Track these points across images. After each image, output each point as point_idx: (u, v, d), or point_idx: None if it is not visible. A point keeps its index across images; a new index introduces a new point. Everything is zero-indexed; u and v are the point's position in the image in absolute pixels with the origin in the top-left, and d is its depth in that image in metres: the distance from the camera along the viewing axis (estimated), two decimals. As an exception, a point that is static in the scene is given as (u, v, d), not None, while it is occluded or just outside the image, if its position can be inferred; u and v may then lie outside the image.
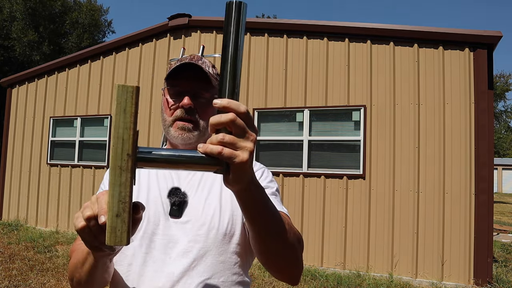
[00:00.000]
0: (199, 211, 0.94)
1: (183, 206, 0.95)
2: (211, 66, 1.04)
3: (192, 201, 0.96)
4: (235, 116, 0.57)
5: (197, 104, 0.98)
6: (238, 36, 0.60)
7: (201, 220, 0.93)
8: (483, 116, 4.82)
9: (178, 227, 0.93)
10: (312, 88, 5.72)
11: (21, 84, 8.43)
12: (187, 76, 0.98)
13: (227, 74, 0.60)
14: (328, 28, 5.66)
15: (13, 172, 8.23)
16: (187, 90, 0.97)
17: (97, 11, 27.03)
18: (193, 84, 0.98)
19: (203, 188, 0.99)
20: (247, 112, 0.58)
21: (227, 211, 0.96)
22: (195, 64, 0.96)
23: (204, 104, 0.99)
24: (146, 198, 0.97)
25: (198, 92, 0.98)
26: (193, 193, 0.97)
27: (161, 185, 0.99)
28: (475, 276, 4.66)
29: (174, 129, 0.98)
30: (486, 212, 4.70)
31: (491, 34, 4.82)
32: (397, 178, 5.14)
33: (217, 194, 0.98)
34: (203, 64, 1.01)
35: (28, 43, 22.33)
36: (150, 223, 0.94)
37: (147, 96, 6.86)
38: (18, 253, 5.61)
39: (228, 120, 0.56)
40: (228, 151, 0.56)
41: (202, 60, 1.03)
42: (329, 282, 4.75)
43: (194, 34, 6.66)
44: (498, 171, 33.44)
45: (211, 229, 0.92)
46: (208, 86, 0.99)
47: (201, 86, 0.98)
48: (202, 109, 0.99)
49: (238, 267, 0.96)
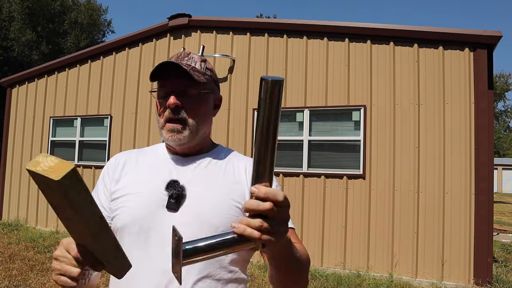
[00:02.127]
0: (197, 206, 0.94)
1: (181, 199, 0.94)
2: (200, 61, 1.02)
3: (190, 195, 0.95)
4: (272, 206, 0.60)
5: (184, 102, 0.98)
6: (278, 117, 0.58)
7: (198, 216, 0.93)
8: (483, 116, 4.82)
9: (175, 220, 0.92)
10: (312, 88, 5.72)
11: (21, 84, 8.42)
12: (172, 75, 0.97)
13: (266, 156, 0.59)
14: (328, 28, 5.66)
15: (13, 172, 8.23)
16: (173, 90, 0.97)
17: (96, 11, 27.00)
18: (179, 82, 0.97)
19: (201, 182, 0.98)
20: (284, 200, 0.61)
21: (226, 207, 0.95)
22: (174, 63, 0.95)
23: (191, 101, 0.98)
24: (143, 190, 0.97)
25: (184, 90, 0.97)
26: (192, 187, 0.97)
27: (159, 177, 0.99)
28: (475, 276, 4.66)
29: (165, 132, 0.99)
30: (486, 212, 4.70)
31: (491, 34, 4.82)
32: (397, 178, 5.14)
33: (216, 189, 0.97)
34: (190, 59, 1.00)
35: (26, 43, 22.32)
36: (146, 217, 0.93)
37: (147, 96, 6.86)
38: (18, 253, 5.61)
39: (266, 210, 0.60)
40: (265, 237, 0.60)
41: (189, 55, 1.01)
42: (329, 282, 4.75)
43: (194, 34, 6.66)
44: (498, 171, 33.45)
45: (209, 226, 0.91)
46: (194, 83, 0.97)
47: (187, 84, 0.97)
48: (189, 106, 0.98)
49: (234, 264, 0.96)
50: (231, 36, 6.36)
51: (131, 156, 1.08)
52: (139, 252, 0.91)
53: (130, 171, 1.03)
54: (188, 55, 1.02)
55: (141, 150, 1.12)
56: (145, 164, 1.04)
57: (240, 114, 6.10)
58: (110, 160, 1.09)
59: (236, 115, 6.12)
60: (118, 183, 1.01)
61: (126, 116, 7.06)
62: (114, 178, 1.03)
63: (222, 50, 6.39)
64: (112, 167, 1.05)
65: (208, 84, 1.02)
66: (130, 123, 7.00)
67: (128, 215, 0.95)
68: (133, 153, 1.10)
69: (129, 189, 0.98)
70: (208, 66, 1.04)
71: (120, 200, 0.98)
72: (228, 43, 6.38)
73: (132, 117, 6.99)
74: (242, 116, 6.08)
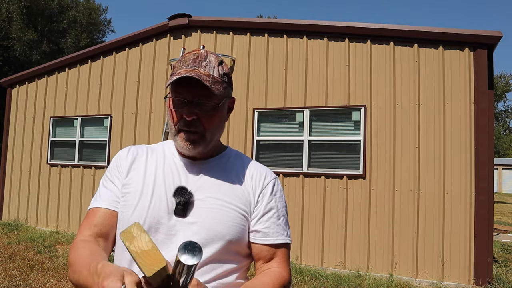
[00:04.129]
0: (205, 214, 0.95)
1: (189, 206, 0.95)
2: (217, 65, 0.97)
3: (198, 203, 0.96)
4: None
5: (200, 112, 0.95)
6: None
7: (206, 223, 0.94)
8: (483, 116, 4.82)
9: (182, 227, 0.93)
10: (312, 88, 5.72)
11: (21, 84, 8.42)
12: (190, 84, 0.93)
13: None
14: (328, 28, 5.66)
15: (13, 172, 8.23)
16: (189, 99, 0.94)
17: (95, 10, 26.96)
18: (195, 92, 0.94)
19: (209, 189, 0.99)
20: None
21: (231, 215, 0.97)
22: (196, 78, 0.91)
23: (207, 112, 0.96)
24: (151, 193, 0.97)
25: (200, 100, 0.94)
26: (199, 194, 0.97)
27: (168, 182, 0.99)
28: (475, 276, 4.66)
29: (180, 139, 0.97)
30: (486, 212, 4.70)
31: (491, 34, 4.82)
32: (397, 178, 5.14)
33: (222, 197, 0.98)
34: (208, 65, 0.95)
35: (27, 43, 22.32)
36: (153, 220, 0.94)
37: (147, 96, 6.86)
38: (18, 253, 5.61)
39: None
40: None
41: (207, 60, 0.96)
42: (329, 282, 4.75)
43: (194, 34, 6.66)
44: (498, 171, 33.44)
45: (216, 234, 0.93)
46: (211, 94, 0.94)
47: (203, 94, 0.94)
48: (205, 118, 0.96)
49: (238, 269, 0.98)
50: (231, 36, 6.36)
51: (142, 153, 1.07)
52: None
53: (139, 168, 1.02)
54: (206, 59, 0.96)
55: (150, 147, 1.10)
56: (154, 164, 1.04)
57: (240, 114, 6.09)
58: (122, 151, 1.08)
59: (236, 115, 6.12)
60: (127, 176, 1.01)
61: (126, 116, 7.06)
62: (126, 170, 1.03)
63: (222, 50, 6.39)
64: (125, 159, 1.05)
65: (224, 92, 0.99)
66: (130, 123, 7.00)
67: (135, 217, 0.95)
68: (143, 149, 1.09)
69: (138, 188, 0.98)
70: (225, 69, 1.00)
71: (128, 198, 0.98)
72: (228, 43, 6.38)
73: (132, 117, 6.99)
74: (242, 116, 6.08)
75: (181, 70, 0.93)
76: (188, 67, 0.94)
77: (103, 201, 1.00)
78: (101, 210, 0.99)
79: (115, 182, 1.02)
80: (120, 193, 1.00)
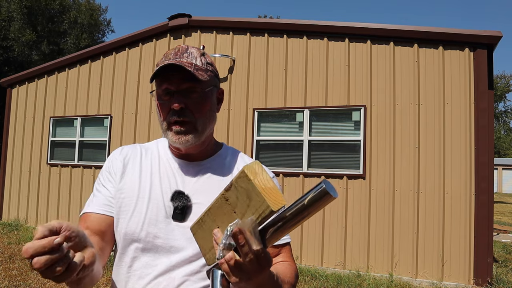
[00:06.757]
0: None
1: (187, 210, 0.94)
2: (200, 56, 0.97)
3: (196, 207, 0.95)
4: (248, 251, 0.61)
5: (188, 102, 0.94)
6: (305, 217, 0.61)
7: None
8: (483, 116, 4.82)
9: (182, 231, 0.92)
10: (312, 88, 5.72)
11: (21, 84, 8.43)
12: (173, 74, 0.93)
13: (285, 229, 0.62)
14: (328, 28, 5.66)
15: (13, 172, 8.23)
16: (176, 90, 0.93)
17: (96, 10, 26.97)
18: (182, 82, 0.93)
19: (206, 192, 0.97)
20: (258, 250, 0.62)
21: None
22: (178, 65, 0.90)
23: (195, 100, 0.95)
24: (148, 198, 0.96)
25: (188, 90, 0.94)
26: (197, 198, 0.96)
27: (164, 186, 0.97)
28: (475, 276, 4.66)
29: (171, 134, 0.95)
30: (486, 212, 4.70)
31: (491, 34, 4.82)
32: (397, 178, 5.14)
33: None
34: (189, 56, 0.95)
35: (26, 43, 22.30)
36: (151, 225, 0.93)
37: (147, 96, 6.86)
38: (18, 253, 5.61)
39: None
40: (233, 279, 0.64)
41: (188, 51, 0.96)
42: (329, 282, 4.75)
43: (194, 34, 6.66)
44: (498, 171, 33.45)
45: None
46: (197, 82, 0.93)
47: (190, 83, 0.93)
48: (194, 106, 0.94)
49: None
50: (231, 36, 6.36)
51: (136, 153, 1.05)
52: (145, 258, 0.93)
53: (134, 170, 1.00)
54: (187, 51, 0.97)
55: (144, 146, 1.08)
56: (149, 166, 1.02)
57: (240, 114, 6.09)
58: (114, 152, 1.05)
59: (236, 115, 6.12)
60: (121, 180, 0.99)
61: (126, 116, 7.06)
62: (119, 173, 1.00)
63: (222, 50, 6.39)
64: (117, 161, 1.02)
65: (210, 80, 0.98)
66: (130, 123, 7.00)
67: (133, 223, 0.94)
68: (137, 149, 1.06)
69: (134, 193, 0.96)
70: (208, 60, 1.00)
71: (124, 203, 0.96)
72: (228, 43, 6.38)
73: (132, 117, 6.99)
74: (242, 116, 6.08)
75: (163, 64, 0.93)
76: (170, 60, 0.93)
77: (95, 205, 0.98)
78: (92, 215, 0.97)
79: (107, 186, 1.00)
80: (112, 196, 0.98)
